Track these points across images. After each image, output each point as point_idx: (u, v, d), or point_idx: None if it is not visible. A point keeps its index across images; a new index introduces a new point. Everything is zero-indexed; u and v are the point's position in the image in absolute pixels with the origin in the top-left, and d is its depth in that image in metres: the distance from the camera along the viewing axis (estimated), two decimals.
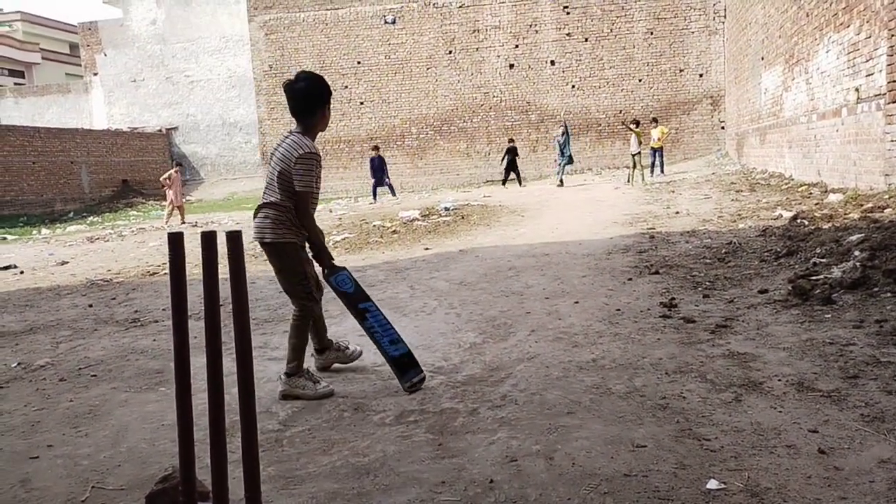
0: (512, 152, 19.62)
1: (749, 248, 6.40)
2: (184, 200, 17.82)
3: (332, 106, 3.63)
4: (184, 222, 16.79)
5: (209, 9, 31.41)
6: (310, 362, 3.78)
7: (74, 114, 33.47)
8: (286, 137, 3.52)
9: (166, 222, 17.22)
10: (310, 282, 3.61)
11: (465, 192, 19.52)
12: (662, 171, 18.06)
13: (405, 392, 3.41)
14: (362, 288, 3.68)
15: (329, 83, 3.60)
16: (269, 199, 3.52)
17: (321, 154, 3.59)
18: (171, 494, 2.22)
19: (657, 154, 18.12)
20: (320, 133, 3.67)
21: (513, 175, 19.73)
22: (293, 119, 3.55)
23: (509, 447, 2.68)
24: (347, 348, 3.95)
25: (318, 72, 3.95)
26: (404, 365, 3.49)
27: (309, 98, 3.48)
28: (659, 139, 17.92)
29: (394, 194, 19.67)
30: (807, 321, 3.98)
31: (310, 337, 3.74)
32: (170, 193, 16.92)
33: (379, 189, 19.39)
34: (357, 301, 3.59)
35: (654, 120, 18.80)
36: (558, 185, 17.84)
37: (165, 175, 16.99)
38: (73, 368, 4.36)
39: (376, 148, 19.36)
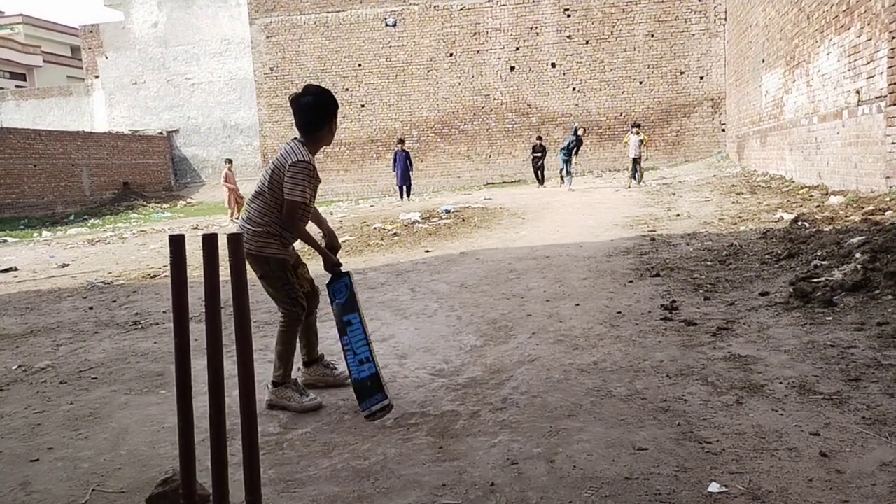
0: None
1: (750, 250, 6.40)
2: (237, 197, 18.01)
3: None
4: (237, 219, 16.74)
5: (210, 11, 31.49)
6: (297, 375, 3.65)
7: (76, 116, 33.55)
8: (287, 143, 3.42)
9: (234, 216, 17.15)
10: (294, 288, 3.42)
11: (465, 194, 19.51)
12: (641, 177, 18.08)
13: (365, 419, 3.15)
14: (355, 296, 3.35)
15: (335, 95, 3.48)
16: (253, 204, 3.40)
17: (316, 165, 3.44)
18: (172, 497, 2.22)
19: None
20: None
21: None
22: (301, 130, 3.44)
23: (510, 450, 2.68)
24: (336, 368, 3.73)
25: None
26: (364, 389, 3.16)
27: (316, 112, 3.35)
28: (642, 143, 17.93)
29: (401, 197, 18.42)
30: (808, 324, 3.98)
31: (299, 347, 3.57)
32: (228, 188, 17.54)
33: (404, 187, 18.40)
34: (343, 313, 3.32)
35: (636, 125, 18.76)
36: (570, 189, 17.39)
37: (223, 175, 17.75)
38: (74, 371, 4.36)
39: (401, 142, 18.66)
